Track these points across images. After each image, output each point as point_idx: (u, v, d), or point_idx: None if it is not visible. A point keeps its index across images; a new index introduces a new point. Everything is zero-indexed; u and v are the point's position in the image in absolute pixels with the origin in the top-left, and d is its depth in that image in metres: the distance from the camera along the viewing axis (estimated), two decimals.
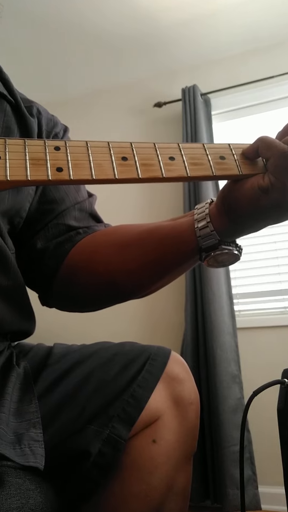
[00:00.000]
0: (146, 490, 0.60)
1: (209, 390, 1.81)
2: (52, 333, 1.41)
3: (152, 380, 0.63)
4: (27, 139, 0.42)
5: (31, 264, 0.70)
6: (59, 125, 0.78)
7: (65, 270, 0.69)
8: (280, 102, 2.27)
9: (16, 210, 0.65)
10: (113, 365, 0.65)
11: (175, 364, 0.66)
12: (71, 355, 0.68)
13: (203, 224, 0.55)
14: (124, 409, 0.60)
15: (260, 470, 1.76)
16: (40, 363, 0.67)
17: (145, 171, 0.44)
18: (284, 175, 0.49)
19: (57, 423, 0.59)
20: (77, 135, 1.93)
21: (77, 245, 0.69)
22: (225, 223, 0.55)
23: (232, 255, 0.56)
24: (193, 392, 0.66)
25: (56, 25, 2.13)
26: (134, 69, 2.49)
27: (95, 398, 0.62)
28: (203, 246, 0.56)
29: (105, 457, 0.58)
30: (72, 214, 0.72)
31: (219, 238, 0.55)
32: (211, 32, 2.21)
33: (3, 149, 0.40)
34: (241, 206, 0.52)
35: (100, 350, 0.68)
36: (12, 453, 0.50)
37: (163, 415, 0.63)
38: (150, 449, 0.61)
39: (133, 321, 2.20)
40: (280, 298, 2.07)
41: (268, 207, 0.51)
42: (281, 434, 0.63)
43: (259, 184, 0.50)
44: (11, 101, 0.69)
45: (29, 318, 0.68)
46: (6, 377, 0.60)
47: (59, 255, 0.69)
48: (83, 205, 0.75)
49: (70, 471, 0.59)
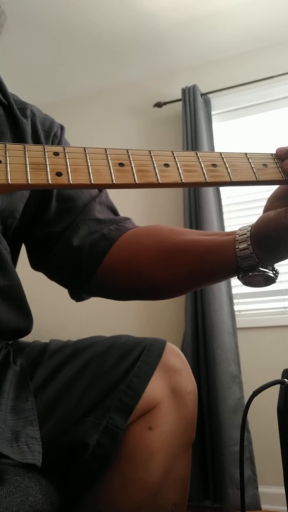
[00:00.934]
0: (144, 476, 0.61)
1: (209, 390, 1.82)
2: (51, 332, 1.41)
3: (148, 369, 0.64)
4: (26, 145, 0.43)
5: (64, 261, 0.72)
6: (56, 124, 0.79)
7: (104, 269, 0.70)
8: (280, 102, 2.27)
9: (10, 211, 0.66)
10: (108, 356, 0.66)
11: (171, 354, 0.67)
12: (66, 349, 0.69)
13: (244, 246, 0.58)
14: (120, 399, 0.61)
15: (260, 470, 1.76)
16: (35, 359, 0.68)
17: (141, 177, 0.45)
18: None
19: (54, 417, 0.60)
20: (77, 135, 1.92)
21: (116, 243, 0.71)
22: (262, 252, 0.57)
23: (268, 277, 0.59)
24: (190, 381, 0.67)
25: (56, 25, 2.14)
26: (134, 69, 2.49)
27: (91, 389, 0.63)
28: (242, 266, 0.58)
29: (103, 448, 0.59)
30: (95, 208, 0.74)
31: (257, 261, 0.57)
32: (211, 32, 2.21)
33: (3, 154, 0.41)
34: (273, 241, 0.55)
35: (96, 343, 0.69)
36: (9, 451, 0.50)
37: (160, 404, 0.63)
38: (146, 437, 0.62)
39: (133, 321, 2.20)
40: (280, 298, 2.07)
41: None
42: (281, 434, 0.64)
43: (283, 223, 0.52)
44: (4, 103, 0.70)
45: (26, 317, 0.68)
46: (3, 375, 0.60)
47: (96, 253, 0.70)
48: (101, 198, 0.76)
49: (69, 464, 0.60)
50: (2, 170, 0.40)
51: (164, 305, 2.16)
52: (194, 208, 2.08)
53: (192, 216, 2.07)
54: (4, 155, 0.41)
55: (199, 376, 1.86)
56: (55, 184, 0.41)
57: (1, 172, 0.40)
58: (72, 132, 0.81)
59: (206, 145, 2.18)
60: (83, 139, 2.46)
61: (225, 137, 2.38)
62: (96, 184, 0.42)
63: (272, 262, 0.59)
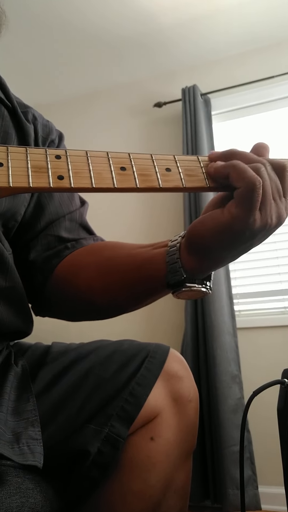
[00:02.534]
0: (144, 488, 0.60)
1: (209, 390, 1.82)
2: (52, 333, 1.41)
3: (151, 377, 0.63)
4: (28, 147, 0.42)
5: (23, 272, 0.71)
6: (54, 132, 0.78)
7: (51, 285, 0.69)
8: (280, 102, 2.27)
9: (12, 213, 0.66)
10: (111, 363, 0.65)
11: (174, 361, 0.67)
12: (69, 353, 0.68)
13: (172, 259, 0.55)
14: (123, 407, 0.60)
15: (260, 470, 1.77)
16: (38, 361, 0.67)
17: (143, 181, 0.45)
18: (249, 206, 0.48)
19: (56, 422, 0.60)
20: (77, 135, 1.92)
21: (63, 261, 0.69)
22: (195, 261, 0.54)
23: (199, 292, 0.55)
24: (192, 389, 0.67)
25: (56, 25, 2.13)
26: (134, 69, 2.49)
27: (94, 396, 0.62)
28: (169, 282, 0.55)
29: (104, 456, 0.59)
30: (63, 225, 0.72)
31: (184, 276, 0.54)
32: (211, 32, 2.21)
33: (5, 157, 0.41)
34: (207, 244, 0.52)
35: (99, 348, 0.68)
36: (10, 452, 0.50)
37: (162, 413, 0.63)
38: (148, 447, 0.61)
39: (133, 321, 2.20)
40: (280, 298, 2.08)
41: (235, 240, 0.51)
42: (281, 434, 0.64)
43: (220, 221, 0.50)
44: (8, 106, 0.70)
45: (26, 318, 0.68)
46: (4, 376, 0.60)
47: (46, 270, 0.69)
48: (74, 215, 0.74)
49: (69, 470, 0.60)
50: (4, 173, 0.40)
51: (164, 306, 2.16)
52: (194, 210, 2.08)
53: (193, 218, 2.07)
54: (6, 158, 0.41)
55: (199, 376, 1.86)
56: (56, 188, 0.41)
57: (2, 175, 0.40)
58: (72, 132, 0.81)
59: (206, 145, 2.18)
60: (83, 139, 2.47)
61: (225, 137, 2.37)
62: (97, 188, 0.42)
63: (206, 270, 0.55)
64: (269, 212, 0.50)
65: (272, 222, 0.50)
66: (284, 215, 0.51)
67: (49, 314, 0.74)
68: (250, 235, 0.50)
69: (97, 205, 2.09)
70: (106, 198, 2.34)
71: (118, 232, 2.28)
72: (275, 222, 0.51)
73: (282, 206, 0.51)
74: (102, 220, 2.28)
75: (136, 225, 2.36)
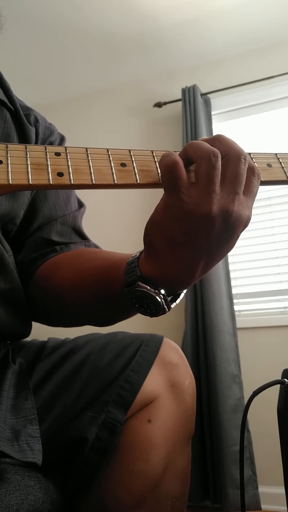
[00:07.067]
0: (144, 468, 0.61)
1: (209, 390, 1.82)
2: (51, 332, 1.41)
3: (146, 364, 0.65)
4: (28, 145, 0.42)
5: None
6: (55, 134, 0.78)
7: (32, 284, 0.69)
8: (280, 102, 2.27)
9: (11, 216, 0.66)
10: (106, 353, 0.67)
11: (168, 349, 0.68)
12: (63, 347, 0.70)
13: (132, 260, 0.49)
14: (118, 393, 0.62)
15: (260, 470, 1.76)
16: (34, 357, 0.68)
17: (144, 177, 0.45)
18: (176, 186, 0.42)
19: (53, 413, 0.61)
20: (78, 135, 1.92)
21: (47, 261, 0.68)
22: (149, 263, 0.47)
23: (154, 300, 0.46)
24: (188, 375, 0.68)
25: (56, 25, 2.13)
26: (134, 69, 2.49)
27: (89, 385, 0.63)
28: (127, 281, 0.48)
29: (102, 441, 0.60)
30: (55, 228, 0.72)
31: (139, 275, 0.47)
32: (211, 32, 2.21)
33: (4, 154, 0.41)
34: (151, 239, 0.46)
35: (93, 340, 0.70)
36: (10, 450, 0.51)
37: (159, 397, 0.64)
38: (145, 429, 0.62)
39: (132, 321, 2.19)
40: (280, 298, 2.08)
41: (172, 232, 0.44)
42: (281, 434, 0.64)
43: (156, 210, 0.45)
44: (10, 109, 0.70)
45: (25, 320, 0.69)
46: (2, 374, 0.61)
47: (30, 270, 0.69)
48: (67, 219, 0.74)
49: (69, 460, 0.61)
50: (3, 170, 0.40)
51: None
52: None
53: None
54: (5, 155, 0.41)
55: (199, 376, 1.86)
56: (56, 185, 0.41)
57: (2, 172, 0.40)
58: (72, 132, 0.81)
59: None
60: (83, 139, 2.46)
61: None
62: (97, 184, 0.42)
63: (163, 276, 0.46)
64: (207, 198, 0.42)
65: (212, 211, 0.42)
66: (235, 211, 0.44)
67: (37, 317, 0.71)
68: (186, 224, 0.43)
69: (97, 206, 2.09)
70: (106, 198, 2.34)
71: (118, 232, 2.28)
72: (216, 212, 0.42)
73: (234, 201, 0.44)
74: (102, 220, 2.28)
75: (136, 225, 2.35)
